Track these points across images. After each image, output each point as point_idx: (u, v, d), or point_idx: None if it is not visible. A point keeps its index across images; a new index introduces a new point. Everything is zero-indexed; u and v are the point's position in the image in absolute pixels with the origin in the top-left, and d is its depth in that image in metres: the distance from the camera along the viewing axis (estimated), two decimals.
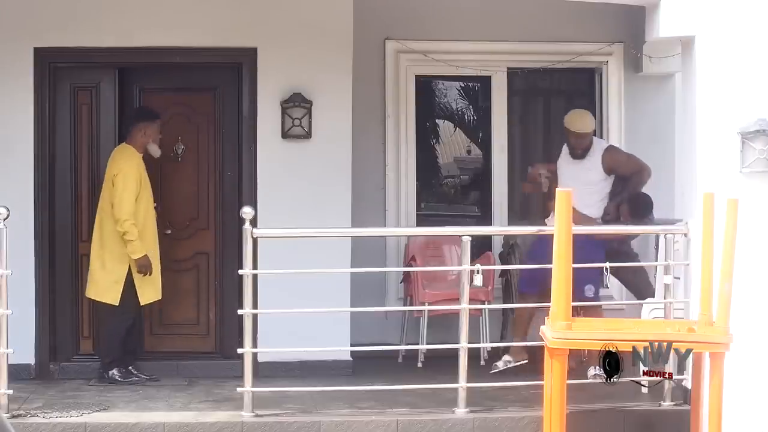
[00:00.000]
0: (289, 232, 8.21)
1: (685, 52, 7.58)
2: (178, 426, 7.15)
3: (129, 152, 8.52)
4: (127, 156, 8.49)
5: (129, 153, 8.51)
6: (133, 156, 8.49)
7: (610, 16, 9.60)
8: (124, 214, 8.32)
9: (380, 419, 7.23)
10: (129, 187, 8.35)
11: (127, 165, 8.42)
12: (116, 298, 8.41)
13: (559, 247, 6.37)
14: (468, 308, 7.41)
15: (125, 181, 8.36)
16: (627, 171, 8.71)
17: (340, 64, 8.89)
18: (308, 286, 8.08)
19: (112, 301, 8.42)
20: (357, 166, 9.07)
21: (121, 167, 8.42)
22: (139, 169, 8.46)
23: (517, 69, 10.07)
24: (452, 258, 9.55)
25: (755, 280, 7.04)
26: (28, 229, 8.62)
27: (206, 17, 8.81)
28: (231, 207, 8.86)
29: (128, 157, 8.48)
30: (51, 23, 8.69)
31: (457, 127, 10.88)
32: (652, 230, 8.60)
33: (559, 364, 6.31)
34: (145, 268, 8.38)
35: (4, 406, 7.20)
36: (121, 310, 8.42)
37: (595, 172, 8.60)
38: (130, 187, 8.35)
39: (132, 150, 8.52)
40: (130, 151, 8.52)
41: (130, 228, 8.31)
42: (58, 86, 8.88)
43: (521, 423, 7.22)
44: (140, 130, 8.55)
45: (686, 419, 6.87)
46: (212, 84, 9.09)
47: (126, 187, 8.35)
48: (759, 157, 7.10)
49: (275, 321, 8.10)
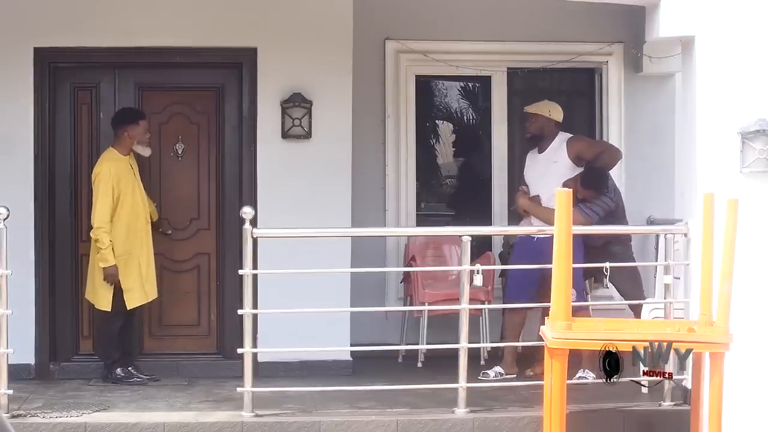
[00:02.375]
0: (289, 232, 8.21)
1: (685, 52, 7.59)
2: (178, 426, 7.15)
3: (109, 156, 8.47)
4: (105, 159, 8.45)
5: (108, 156, 8.47)
6: (111, 160, 8.43)
7: (610, 16, 9.60)
8: (96, 221, 8.30)
9: (380, 419, 7.24)
10: (102, 193, 8.30)
11: (102, 169, 8.37)
12: (107, 304, 8.41)
13: (559, 247, 6.37)
14: (468, 308, 7.41)
15: (98, 187, 8.34)
16: (592, 154, 8.66)
17: (340, 64, 8.89)
18: (308, 286, 8.08)
19: (105, 306, 8.42)
20: (357, 166, 9.08)
21: (97, 172, 8.40)
22: (119, 172, 8.38)
23: (517, 69, 10.07)
24: (452, 258, 9.55)
25: (755, 280, 7.04)
26: (28, 229, 8.62)
27: (206, 17, 8.82)
28: (231, 207, 8.86)
29: (106, 160, 8.43)
30: (51, 23, 8.69)
31: (455, 130, 10.85)
32: (652, 230, 8.60)
33: (559, 364, 6.31)
34: (111, 278, 8.32)
35: (4, 406, 7.20)
36: (112, 313, 8.43)
37: (561, 163, 8.58)
38: (103, 192, 8.30)
39: (114, 153, 8.48)
40: (111, 154, 8.48)
41: (101, 236, 8.28)
42: (58, 86, 8.89)
43: (521, 423, 7.22)
44: (123, 132, 8.51)
45: (686, 419, 6.88)
46: (212, 84, 9.09)
47: (99, 193, 8.32)
48: (759, 157, 7.10)
49: (275, 321, 8.10)
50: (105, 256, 8.30)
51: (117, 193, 8.35)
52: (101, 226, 8.29)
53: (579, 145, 8.68)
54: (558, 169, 8.57)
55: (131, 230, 8.42)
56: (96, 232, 8.31)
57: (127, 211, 8.40)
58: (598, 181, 8.70)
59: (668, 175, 9.09)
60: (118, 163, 8.43)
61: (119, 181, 8.37)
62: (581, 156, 8.61)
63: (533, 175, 8.78)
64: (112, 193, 8.33)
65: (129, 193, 8.42)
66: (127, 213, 8.40)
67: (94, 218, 8.32)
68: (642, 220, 9.74)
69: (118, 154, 8.48)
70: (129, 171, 8.48)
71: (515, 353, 8.58)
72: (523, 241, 8.60)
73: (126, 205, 8.39)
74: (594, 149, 8.80)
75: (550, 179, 8.47)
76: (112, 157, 8.47)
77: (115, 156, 8.47)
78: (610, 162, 8.84)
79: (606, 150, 8.91)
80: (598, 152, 8.75)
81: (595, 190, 8.63)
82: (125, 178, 8.43)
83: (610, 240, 8.72)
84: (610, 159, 8.81)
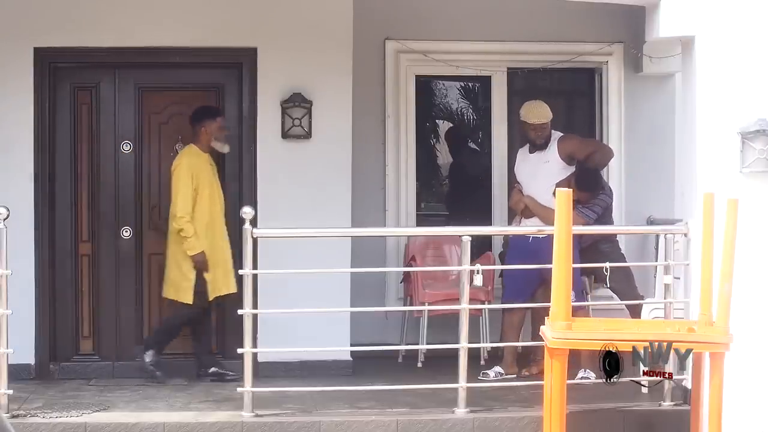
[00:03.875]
0: (289, 232, 8.22)
1: (685, 52, 7.59)
2: (178, 426, 7.15)
3: (188, 151, 8.62)
4: (184, 154, 8.60)
5: (187, 152, 8.62)
6: (191, 154, 8.58)
7: (610, 16, 9.60)
8: (179, 211, 8.41)
9: (380, 419, 7.24)
10: (182, 184, 8.43)
11: (182, 162, 8.51)
12: (190, 296, 8.46)
13: (559, 247, 6.37)
14: (468, 308, 7.41)
15: (177, 178, 8.47)
16: (584, 153, 8.55)
17: (340, 64, 8.89)
18: (308, 286, 8.09)
19: (187, 299, 8.48)
20: (357, 166, 9.08)
21: (176, 165, 8.54)
22: (197, 166, 8.51)
23: (517, 69, 10.07)
24: (452, 258, 9.55)
25: (755, 280, 7.04)
26: (28, 229, 8.61)
27: (206, 17, 8.82)
28: (231, 207, 8.85)
29: (186, 155, 8.59)
30: (51, 23, 8.69)
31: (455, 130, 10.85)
32: (652, 230, 8.60)
33: (559, 364, 6.31)
34: (201, 264, 8.41)
35: (4, 406, 7.20)
36: (191, 306, 8.48)
37: (553, 162, 8.51)
38: (183, 183, 8.43)
39: (193, 149, 8.62)
40: (190, 149, 8.63)
41: (184, 225, 8.38)
42: (58, 86, 8.89)
43: (521, 423, 7.22)
44: (200, 127, 8.63)
45: (686, 419, 6.87)
46: (212, 84, 9.09)
47: (179, 184, 8.45)
48: (759, 157, 7.10)
49: (275, 321, 8.10)
50: (192, 243, 8.39)
51: (195, 184, 8.45)
52: (183, 215, 8.39)
53: (570, 144, 8.58)
54: (550, 169, 8.50)
55: (210, 224, 8.51)
56: (179, 221, 8.39)
57: (206, 205, 8.50)
58: (593, 182, 8.70)
59: (668, 175, 9.10)
60: (197, 158, 8.57)
61: (197, 175, 8.48)
62: (573, 156, 8.54)
63: (525, 174, 8.69)
64: (191, 185, 8.43)
65: (207, 188, 8.53)
66: (206, 207, 8.50)
67: (176, 208, 8.42)
68: (642, 220, 9.74)
69: (198, 150, 8.61)
70: (207, 167, 8.60)
71: (515, 353, 8.57)
72: (518, 241, 8.56)
73: (204, 199, 8.50)
74: (586, 149, 8.64)
75: (541, 179, 8.44)
76: (191, 152, 8.60)
77: (194, 151, 8.60)
78: (602, 161, 8.79)
79: (598, 149, 8.83)
80: (590, 152, 8.63)
81: (591, 191, 8.63)
82: (203, 172, 8.54)
83: (597, 239, 8.72)
84: (602, 158, 8.75)
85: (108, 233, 8.97)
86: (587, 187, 8.58)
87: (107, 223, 8.97)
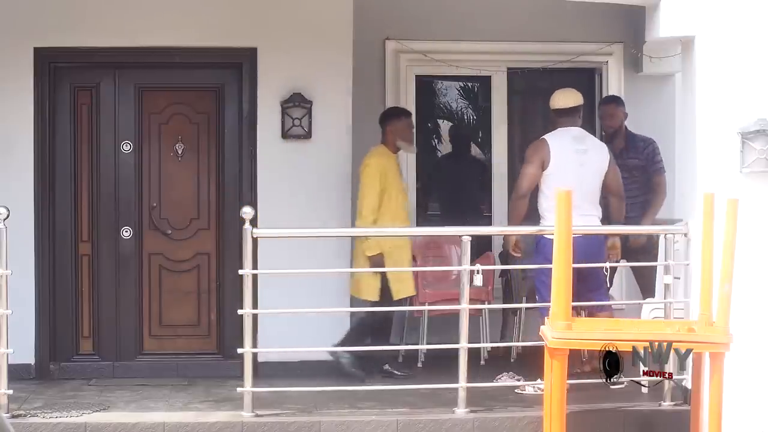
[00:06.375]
0: (289, 232, 8.21)
1: (685, 52, 7.59)
2: (178, 426, 7.15)
3: (378, 151, 8.69)
4: (374, 154, 8.66)
5: (377, 151, 8.68)
6: (380, 155, 8.64)
7: (610, 16, 9.60)
8: (363, 209, 8.48)
9: (380, 419, 7.24)
10: (369, 184, 8.47)
11: (371, 162, 8.56)
12: (374, 293, 8.49)
13: (559, 247, 6.37)
14: (468, 308, 7.41)
15: (365, 178, 8.52)
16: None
17: (340, 64, 8.89)
18: (308, 286, 8.08)
19: (371, 296, 8.50)
20: (357, 166, 9.06)
21: (365, 165, 8.60)
22: (385, 167, 8.56)
23: (517, 69, 10.08)
24: (452, 258, 9.55)
25: (755, 280, 7.04)
26: (28, 229, 8.62)
27: (206, 17, 8.82)
28: (231, 207, 8.85)
29: (375, 155, 8.64)
30: (51, 23, 8.69)
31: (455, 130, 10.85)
32: (652, 230, 8.58)
33: (559, 364, 6.31)
34: (376, 266, 8.42)
35: (4, 406, 7.20)
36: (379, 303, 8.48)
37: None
38: (370, 183, 8.47)
39: (382, 148, 8.70)
40: (379, 149, 8.70)
41: (368, 226, 8.42)
42: (58, 86, 8.88)
43: (521, 423, 7.21)
44: (387, 127, 8.72)
45: (686, 419, 6.87)
46: (212, 84, 9.08)
47: (366, 184, 8.50)
48: (759, 157, 7.10)
49: (275, 321, 8.11)
50: (368, 244, 8.43)
51: (383, 185, 8.50)
52: (367, 215, 8.44)
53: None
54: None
55: (396, 225, 8.54)
56: (365, 221, 8.44)
57: (393, 206, 8.56)
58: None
59: (668, 175, 9.10)
60: (386, 159, 8.64)
61: (385, 175, 8.53)
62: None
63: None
64: (378, 185, 8.48)
65: (394, 188, 8.59)
66: (393, 208, 8.56)
67: (362, 208, 8.47)
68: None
69: (387, 150, 8.69)
70: (394, 168, 8.68)
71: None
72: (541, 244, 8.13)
73: (392, 200, 8.55)
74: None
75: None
76: (380, 152, 8.67)
77: (383, 151, 8.68)
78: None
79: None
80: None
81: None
82: (391, 173, 8.60)
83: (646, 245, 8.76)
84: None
85: (108, 233, 8.96)
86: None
87: (107, 223, 8.96)
